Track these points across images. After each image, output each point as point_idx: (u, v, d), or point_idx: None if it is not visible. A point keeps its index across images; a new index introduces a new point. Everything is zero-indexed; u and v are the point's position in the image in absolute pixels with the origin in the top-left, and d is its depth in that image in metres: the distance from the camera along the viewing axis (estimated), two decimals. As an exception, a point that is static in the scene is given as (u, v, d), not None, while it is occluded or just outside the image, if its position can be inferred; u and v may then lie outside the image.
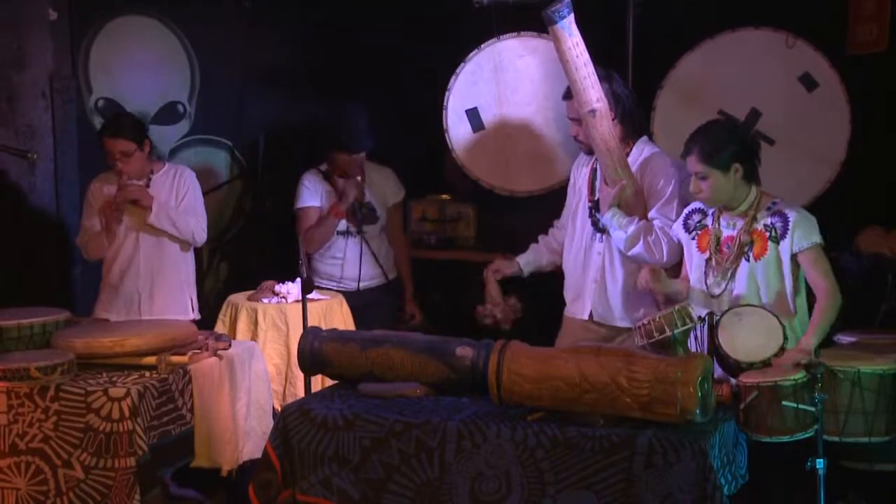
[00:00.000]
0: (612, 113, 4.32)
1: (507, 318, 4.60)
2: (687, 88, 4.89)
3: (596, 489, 3.29)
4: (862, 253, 4.65)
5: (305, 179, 5.54)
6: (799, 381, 3.41)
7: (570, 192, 4.67)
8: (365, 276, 5.53)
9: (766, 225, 3.91)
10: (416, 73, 5.87)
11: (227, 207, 6.25)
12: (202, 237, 5.09)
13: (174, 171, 5.12)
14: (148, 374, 4.02)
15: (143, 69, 5.82)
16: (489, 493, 3.41)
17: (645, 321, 3.67)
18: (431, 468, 3.47)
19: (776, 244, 3.88)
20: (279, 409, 4.45)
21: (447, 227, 6.17)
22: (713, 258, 3.97)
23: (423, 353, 3.73)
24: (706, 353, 3.70)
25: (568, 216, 4.64)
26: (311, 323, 4.51)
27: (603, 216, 4.33)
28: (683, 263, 4.17)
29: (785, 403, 3.38)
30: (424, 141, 5.73)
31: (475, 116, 4.99)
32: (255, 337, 4.93)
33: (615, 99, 4.36)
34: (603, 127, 4.26)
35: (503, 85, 4.94)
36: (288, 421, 3.66)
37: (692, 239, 4.07)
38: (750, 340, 3.65)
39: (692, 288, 4.04)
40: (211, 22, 6.07)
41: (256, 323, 4.98)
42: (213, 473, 4.31)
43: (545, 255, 4.72)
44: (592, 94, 4.24)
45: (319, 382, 4.53)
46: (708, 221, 4.03)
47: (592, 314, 4.48)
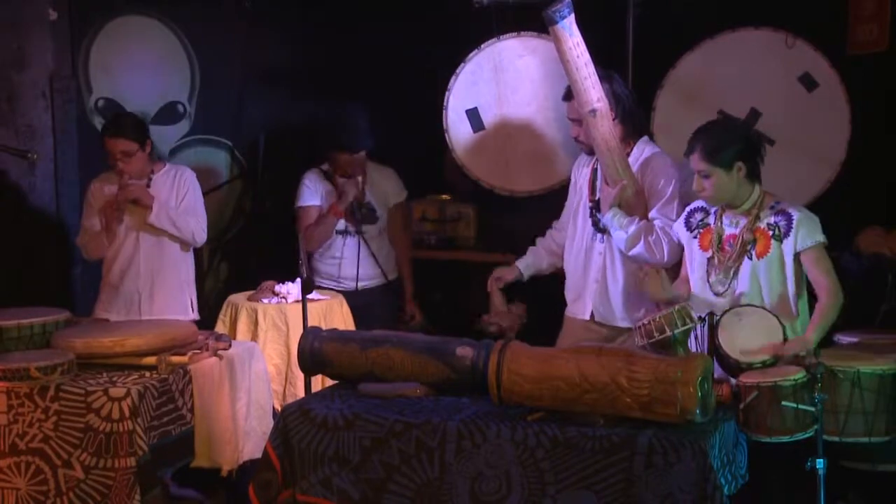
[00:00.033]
0: (612, 113, 4.32)
1: (512, 325, 4.54)
2: (687, 88, 4.89)
3: (596, 489, 3.29)
4: (862, 253, 4.65)
5: (306, 178, 5.54)
6: (799, 381, 3.41)
7: (570, 192, 4.67)
8: (363, 276, 5.53)
9: (769, 223, 3.90)
10: (416, 73, 5.87)
11: (227, 207, 6.25)
12: (202, 237, 5.09)
13: (175, 171, 5.12)
14: (148, 374, 4.02)
15: (143, 69, 5.82)
16: (489, 493, 3.41)
17: (645, 321, 3.67)
18: (431, 468, 3.47)
19: (779, 243, 3.88)
20: (279, 409, 4.45)
21: (447, 227, 6.17)
22: (716, 256, 3.97)
23: (423, 353, 3.73)
24: (706, 353, 3.70)
25: (568, 216, 4.64)
26: (311, 323, 4.51)
27: (604, 216, 4.33)
28: (683, 264, 4.17)
29: (785, 403, 3.38)
30: (424, 141, 5.73)
31: (475, 116, 4.99)
32: (255, 337, 4.93)
33: (615, 99, 4.36)
34: (604, 127, 4.26)
35: (503, 85, 4.94)
36: (288, 421, 3.65)
37: (694, 237, 4.06)
38: (750, 340, 3.65)
39: (694, 286, 4.03)
40: (211, 22, 6.07)
41: (256, 323, 4.98)
42: (213, 473, 4.31)
43: (545, 257, 4.72)
44: (593, 93, 4.24)
45: (319, 382, 4.53)
46: (710, 220, 4.03)
47: (594, 314, 4.48)
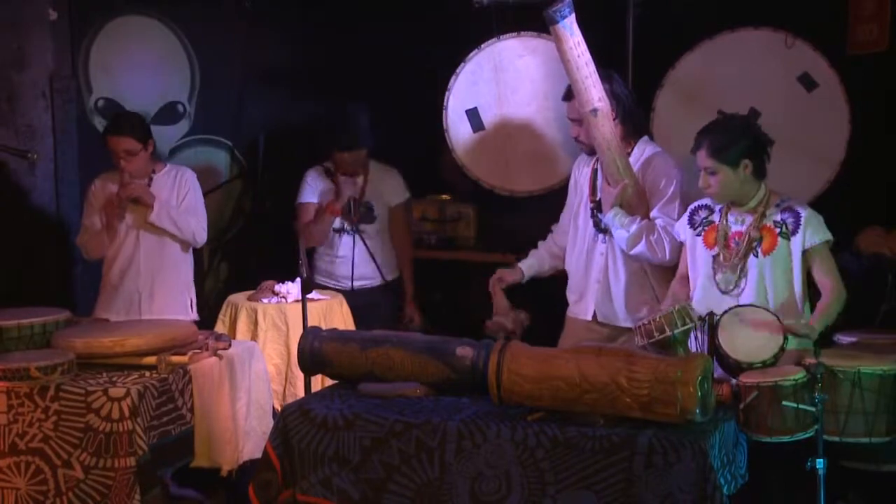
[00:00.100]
0: (612, 113, 4.32)
1: (515, 329, 4.51)
2: (686, 88, 4.88)
3: (596, 489, 3.29)
4: (862, 253, 4.65)
5: (308, 175, 5.58)
6: (799, 381, 3.41)
7: (570, 192, 4.67)
8: (359, 275, 5.52)
9: (775, 221, 3.90)
10: (416, 73, 5.86)
11: (227, 207, 6.25)
12: (203, 237, 5.09)
13: (175, 171, 5.12)
14: (148, 373, 4.02)
15: (143, 69, 5.82)
16: (489, 493, 3.41)
17: (645, 321, 3.66)
18: (431, 468, 3.47)
19: (787, 240, 3.88)
20: (279, 408, 4.45)
21: (447, 227, 6.17)
22: (721, 254, 3.97)
23: (423, 353, 3.73)
24: (706, 353, 3.70)
25: (569, 217, 4.63)
26: (311, 323, 4.52)
27: (605, 216, 4.33)
28: (681, 262, 4.16)
29: (785, 403, 3.38)
30: (424, 141, 5.72)
31: (475, 116, 4.98)
32: (255, 337, 4.93)
33: (615, 99, 4.36)
34: (605, 126, 4.26)
35: (503, 85, 4.94)
36: (288, 421, 3.65)
37: (698, 235, 4.05)
38: (750, 340, 3.65)
39: (699, 285, 4.02)
40: (211, 22, 6.07)
41: (256, 323, 4.98)
42: (213, 473, 4.31)
43: (546, 260, 4.71)
44: (594, 93, 4.24)
45: (319, 382, 4.53)
46: (715, 217, 4.03)
47: (596, 314, 4.48)
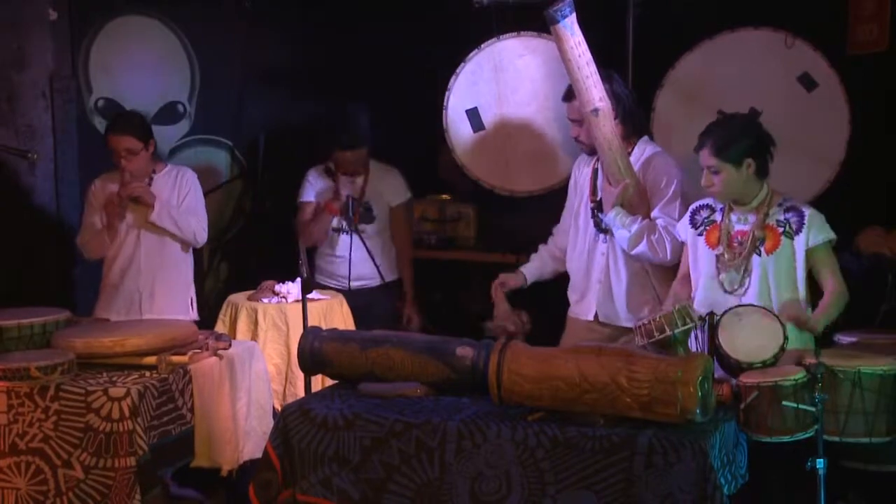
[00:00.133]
0: (613, 112, 4.32)
1: (518, 330, 4.50)
2: (686, 88, 4.88)
3: (596, 489, 3.29)
4: (862, 253, 4.65)
5: (309, 174, 5.60)
6: (799, 381, 3.40)
7: (571, 192, 4.67)
8: (356, 275, 5.52)
9: (778, 220, 3.91)
10: (416, 73, 5.87)
11: (227, 207, 6.26)
12: (203, 237, 5.09)
13: (176, 171, 5.12)
14: (148, 373, 4.01)
15: (143, 69, 5.83)
16: (489, 493, 3.41)
17: (645, 321, 3.66)
18: (432, 468, 3.47)
19: (790, 239, 3.88)
20: (279, 408, 4.45)
21: (447, 227, 6.17)
22: (725, 253, 3.97)
23: (423, 353, 3.73)
24: (706, 352, 3.70)
25: (570, 217, 4.63)
26: (311, 323, 4.52)
27: (606, 216, 4.33)
28: (683, 263, 4.16)
29: (785, 403, 3.37)
30: (424, 141, 5.73)
31: (475, 116, 4.98)
32: (255, 337, 4.93)
33: (616, 99, 4.36)
34: (606, 126, 4.26)
35: (503, 85, 4.94)
36: (288, 421, 3.65)
37: (699, 235, 4.05)
38: (750, 340, 3.64)
39: (702, 284, 4.02)
40: (211, 22, 6.07)
41: (256, 323, 4.98)
42: (213, 473, 4.31)
43: (549, 264, 4.71)
44: (595, 93, 4.24)
45: (319, 382, 4.53)
46: (716, 217, 4.02)
47: (598, 314, 4.48)
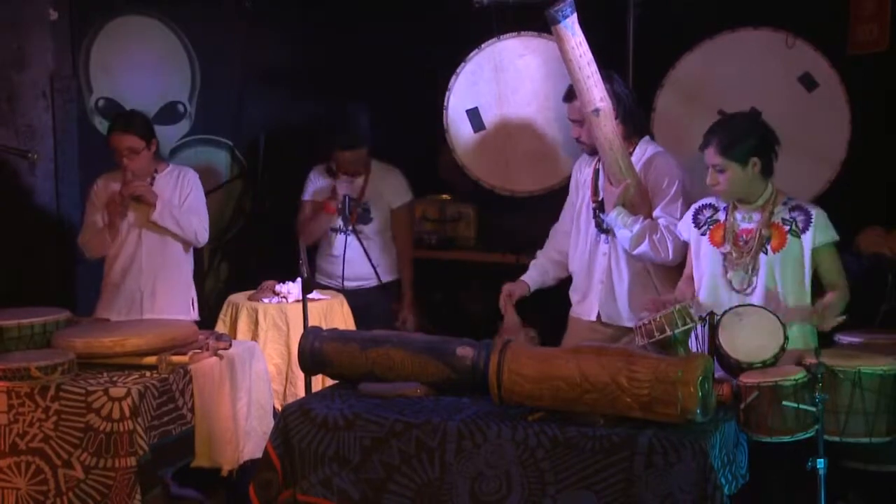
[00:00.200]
0: (614, 112, 4.32)
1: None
2: (687, 88, 4.88)
3: (596, 489, 3.29)
4: (862, 253, 4.65)
5: (311, 173, 5.63)
6: (800, 381, 3.40)
7: (572, 193, 4.66)
8: (352, 275, 5.52)
9: (784, 219, 3.91)
10: (416, 73, 5.87)
11: (227, 207, 6.26)
12: (204, 237, 5.09)
13: (178, 171, 5.12)
14: (148, 373, 4.02)
15: (143, 69, 5.83)
16: (489, 493, 3.41)
17: (645, 321, 3.66)
18: (432, 468, 3.47)
19: (797, 238, 3.88)
20: (280, 408, 4.45)
21: (447, 227, 6.17)
22: (732, 251, 3.97)
23: (423, 353, 3.73)
24: (707, 352, 3.70)
25: (572, 217, 4.62)
26: (311, 323, 4.52)
27: (608, 216, 4.33)
28: (687, 263, 4.16)
29: (785, 403, 3.38)
30: (424, 141, 5.73)
31: (476, 116, 4.98)
32: (255, 337, 4.94)
33: (616, 99, 4.36)
34: (607, 126, 4.26)
35: (503, 85, 4.94)
36: (288, 421, 3.65)
37: (703, 234, 4.04)
38: (750, 340, 3.64)
39: (706, 284, 4.02)
40: (211, 22, 6.07)
41: (257, 323, 4.98)
42: (213, 473, 4.31)
43: (549, 271, 4.67)
44: (596, 93, 4.23)
45: (320, 382, 4.53)
46: (720, 216, 4.02)
47: (600, 315, 4.47)
